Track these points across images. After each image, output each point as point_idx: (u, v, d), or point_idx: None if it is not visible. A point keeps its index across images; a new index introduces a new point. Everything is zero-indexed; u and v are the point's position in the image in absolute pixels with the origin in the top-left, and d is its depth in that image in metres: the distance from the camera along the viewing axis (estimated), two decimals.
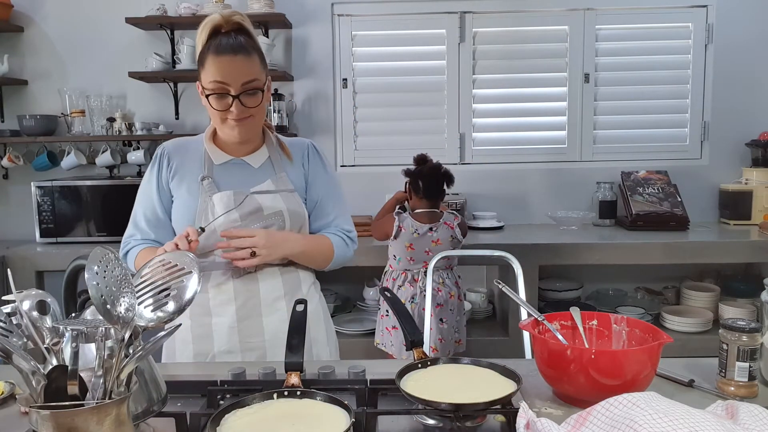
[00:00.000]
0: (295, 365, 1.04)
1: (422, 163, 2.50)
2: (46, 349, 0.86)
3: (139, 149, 3.20)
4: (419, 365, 1.11)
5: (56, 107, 3.26)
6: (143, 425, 0.95)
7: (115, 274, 0.82)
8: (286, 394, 0.98)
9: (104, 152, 3.18)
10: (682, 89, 3.31)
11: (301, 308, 1.16)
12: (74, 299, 1.12)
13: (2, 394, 1.13)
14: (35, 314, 0.90)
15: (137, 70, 3.11)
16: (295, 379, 1.02)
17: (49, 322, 0.91)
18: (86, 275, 0.79)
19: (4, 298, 0.92)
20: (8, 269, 1.14)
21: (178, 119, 3.32)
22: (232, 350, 1.45)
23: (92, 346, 0.83)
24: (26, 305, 0.90)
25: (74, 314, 1.00)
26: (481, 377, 1.07)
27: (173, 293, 0.94)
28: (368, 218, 2.94)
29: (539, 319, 1.20)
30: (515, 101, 3.34)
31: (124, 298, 0.83)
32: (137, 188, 1.54)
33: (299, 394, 0.98)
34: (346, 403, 0.94)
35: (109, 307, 0.80)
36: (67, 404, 0.76)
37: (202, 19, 1.41)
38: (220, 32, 1.38)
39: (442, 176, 2.46)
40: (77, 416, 0.75)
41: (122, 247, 1.52)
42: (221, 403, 1.06)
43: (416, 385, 1.03)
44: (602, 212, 3.21)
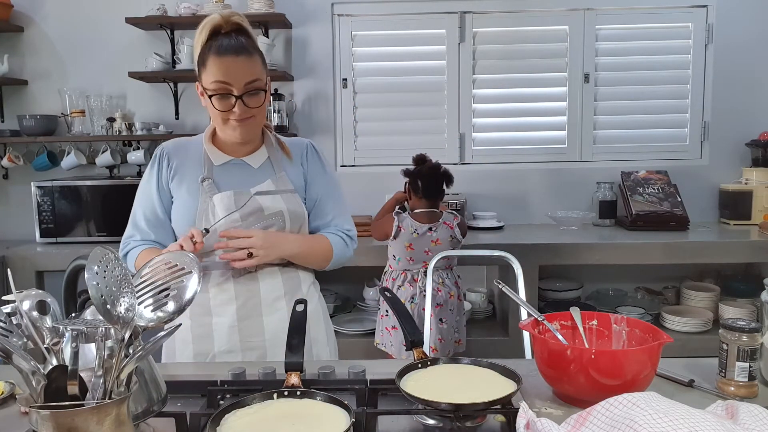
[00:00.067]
0: (295, 365, 1.04)
1: (421, 163, 2.50)
2: (46, 349, 0.86)
3: (139, 149, 3.21)
4: (419, 365, 1.11)
5: (56, 107, 3.26)
6: (143, 425, 0.95)
7: (115, 274, 0.82)
8: (286, 394, 0.98)
9: (104, 152, 3.18)
10: (682, 89, 3.31)
11: (301, 308, 1.16)
12: (74, 299, 1.12)
13: (2, 394, 1.13)
14: (35, 314, 0.90)
15: (137, 70, 3.11)
16: (295, 379, 1.02)
17: (49, 322, 0.91)
18: (86, 275, 0.79)
19: (4, 298, 0.92)
20: (8, 269, 1.14)
21: (178, 119, 3.32)
22: (232, 350, 1.45)
23: (92, 346, 0.83)
24: (26, 305, 0.90)
25: (74, 314, 1.00)
26: (481, 377, 1.07)
27: (173, 293, 0.95)
28: (368, 218, 2.94)
29: (539, 319, 1.20)
30: (515, 101, 3.34)
31: (124, 298, 0.83)
32: (137, 188, 1.54)
33: (299, 394, 0.98)
34: (346, 403, 0.94)
35: (109, 307, 0.80)
36: (67, 404, 0.76)
37: (201, 19, 1.41)
38: (220, 33, 1.38)
39: (441, 176, 2.46)
40: (77, 416, 0.75)
41: (122, 247, 1.52)
42: (221, 403, 1.06)
43: (416, 385, 1.03)
44: (602, 212, 3.21)
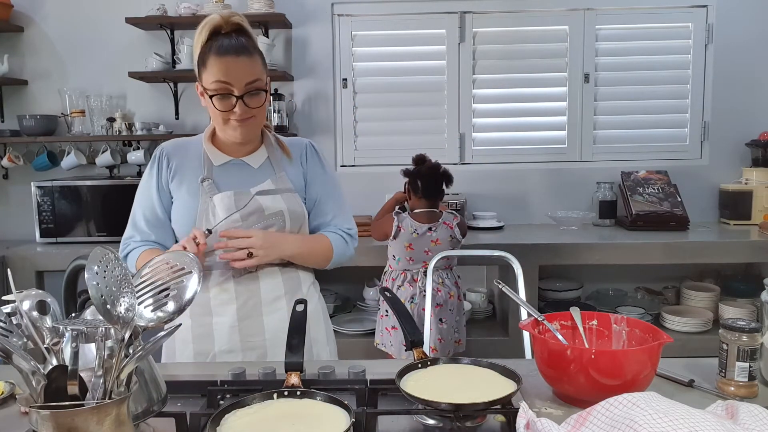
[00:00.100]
0: (295, 365, 1.04)
1: (421, 163, 2.50)
2: (46, 349, 0.86)
3: (139, 149, 3.21)
4: (419, 365, 1.11)
5: (56, 107, 3.26)
6: (143, 425, 0.94)
7: (115, 274, 0.82)
8: (286, 394, 0.98)
9: (104, 152, 3.18)
10: (682, 89, 3.31)
11: (301, 308, 1.16)
12: (74, 299, 1.12)
13: (2, 394, 1.13)
14: (35, 314, 0.90)
15: (137, 70, 3.11)
16: (295, 379, 1.02)
17: (49, 322, 0.91)
18: (86, 275, 0.79)
19: (4, 298, 0.92)
20: (8, 269, 1.14)
21: (178, 119, 3.32)
22: (232, 349, 1.45)
23: (92, 346, 0.83)
24: (26, 305, 0.90)
25: (74, 314, 1.00)
26: (481, 377, 1.07)
27: (173, 293, 0.94)
28: (368, 218, 2.94)
29: (539, 319, 1.20)
30: (515, 101, 3.34)
31: (124, 298, 0.83)
32: (137, 188, 1.54)
33: (299, 394, 0.98)
34: (346, 403, 0.94)
35: (109, 307, 0.80)
36: (67, 404, 0.76)
37: (201, 19, 1.41)
38: (220, 33, 1.38)
39: (440, 176, 2.46)
40: (77, 416, 0.75)
41: (122, 248, 1.51)
42: (221, 403, 1.06)
43: (416, 385, 1.03)
44: (602, 212, 3.21)
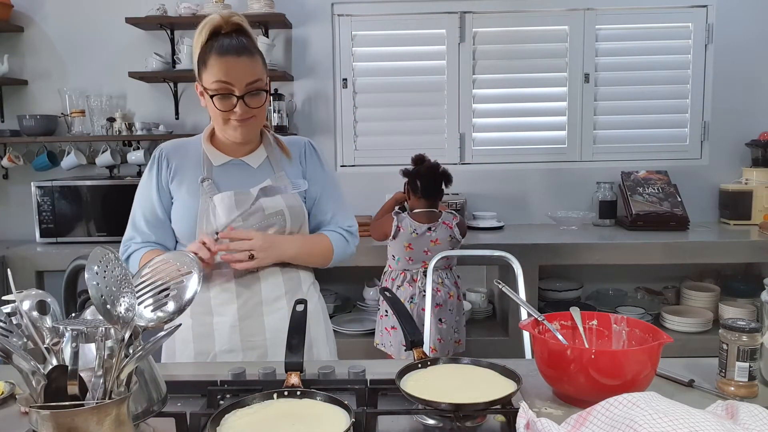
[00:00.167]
0: (295, 365, 1.04)
1: (420, 163, 2.50)
2: (46, 349, 0.86)
3: (139, 149, 3.21)
4: (419, 365, 1.11)
5: (56, 107, 3.26)
6: (143, 425, 0.94)
7: (115, 274, 0.82)
8: (286, 394, 0.99)
9: (104, 152, 3.18)
10: (682, 89, 3.31)
11: (301, 308, 1.16)
12: (74, 299, 1.12)
13: (2, 394, 1.13)
14: (35, 314, 0.90)
15: (137, 70, 3.11)
16: (295, 379, 1.02)
17: (49, 322, 0.91)
18: (86, 275, 0.79)
19: (4, 298, 0.92)
20: (8, 269, 1.14)
21: (178, 119, 3.32)
22: (233, 349, 1.45)
23: (92, 346, 0.83)
24: (26, 305, 0.90)
25: (74, 314, 1.00)
26: (481, 377, 1.07)
27: (173, 293, 0.95)
28: (368, 218, 2.93)
29: (539, 319, 1.20)
30: (515, 101, 3.34)
31: (124, 298, 0.83)
32: (136, 189, 1.54)
33: (299, 394, 0.98)
34: (346, 403, 0.94)
35: (109, 307, 0.80)
36: (67, 404, 0.76)
37: (201, 19, 1.41)
38: (220, 33, 1.38)
39: (440, 176, 2.46)
40: (77, 416, 0.75)
41: (122, 250, 1.51)
42: (221, 403, 1.06)
43: (416, 385, 1.03)
44: (602, 212, 3.21)
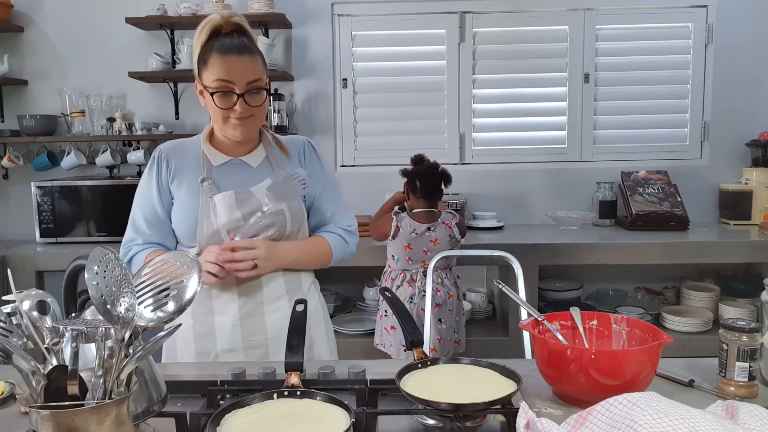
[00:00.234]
0: (295, 365, 1.04)
1: (419, 162, 2.50)
2: (46, 349, 0.86)
3: (139, 149, 3.20)
4: (419, 365, 1.11)
5: (56, 107, 3.26)
6: (143, 425, 0.94)
7: (115, 274, 0.82)
8: (286, 394, 0.99)
9: (104, 152, 3.18)
10: (682, 89, 3.31)
11: (301, 308, 1.16)
12: (74, 299, 1.12)
13: (2, 394, 1.13)
14: (35, 314, 0.90)
15: (137, 70, 3.11)
16: (295, 379, 1.02)
17: (49, 322, 0.91)
18: (86, 275, 0.79)
19: (4, 298, 0.92)
20: (8, 269, 1.14)
21: (178, 119, 3.32)
22: (234, 348, 1.46)
23: (92, 346, 0.83)
24: (26, 305, 0.90)
25: (74, 314, 1.00)
26: (481, 377, 1.07)
27: (173, 293, 0.94)
28: (368, 218, 2.93)
29: (539, 319, 1.20)
30: (515, 101, 3.34)
31: (124, 298, 0.83)
32: (136, 190, 1.54)
33: (299, 394, 0.99)
34: (346, 403, 0.94)
35: (109, 307, 0.80)
36: (67, 404, 0.76)
37: (201, 19, 1.42)
38: (220, 33, 1.39)
39: (439, 176, 2.46)
40: (77, 416, 0.75)
41: (123, 252, 1.51)
42: (221, 403, 1.06)
43: (416, 385, 1.03)
44: (602, 212, 3.21)
